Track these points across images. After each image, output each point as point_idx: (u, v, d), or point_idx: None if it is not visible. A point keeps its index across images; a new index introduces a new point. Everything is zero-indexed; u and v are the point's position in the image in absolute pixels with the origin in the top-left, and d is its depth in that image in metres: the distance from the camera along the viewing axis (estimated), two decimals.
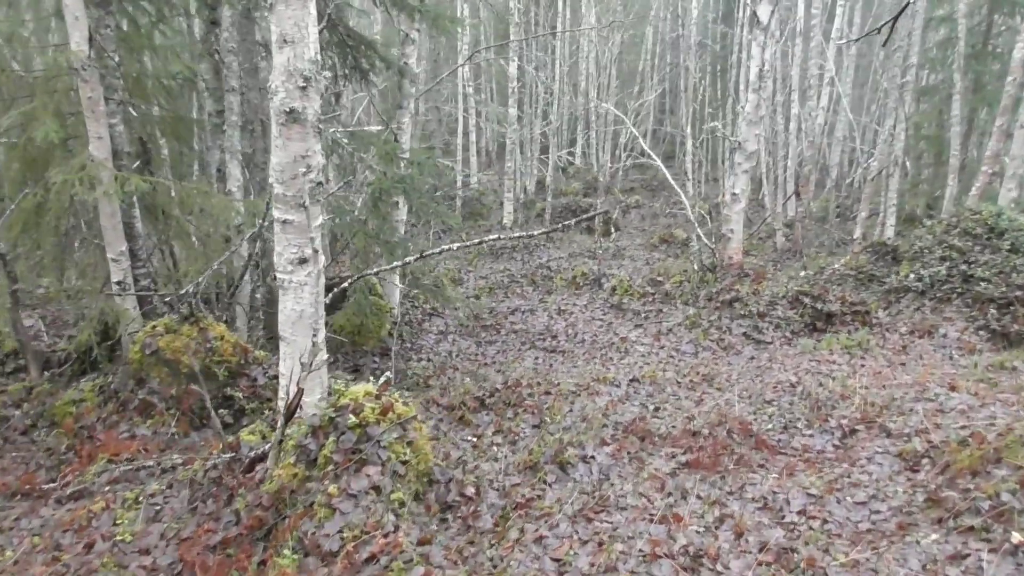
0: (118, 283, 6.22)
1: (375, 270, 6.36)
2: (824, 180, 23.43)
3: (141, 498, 3.92)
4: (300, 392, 3.88)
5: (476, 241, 6.26)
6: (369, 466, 3.52)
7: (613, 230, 19.80)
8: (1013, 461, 3.48)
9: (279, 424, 3.87)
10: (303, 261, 4.27)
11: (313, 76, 3.97)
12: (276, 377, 5.59)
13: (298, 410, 3.95)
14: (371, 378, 4.30)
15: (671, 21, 27.46)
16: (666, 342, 9.42)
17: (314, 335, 4.03)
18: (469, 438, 5.28)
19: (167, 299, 6.16)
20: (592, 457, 4.53)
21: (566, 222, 6.37)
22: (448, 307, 9.54)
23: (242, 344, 5.81)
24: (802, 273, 11.94)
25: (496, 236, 6.38)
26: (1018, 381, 6.99)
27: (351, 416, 3.65)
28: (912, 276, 10.27)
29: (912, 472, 4.31)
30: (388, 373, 4.49)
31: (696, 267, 11.87)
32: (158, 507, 3.88)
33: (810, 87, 16.83)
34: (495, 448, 5.12)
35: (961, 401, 6.16)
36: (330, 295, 6.33)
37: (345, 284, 6.08)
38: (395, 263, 6.43)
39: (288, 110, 3.95)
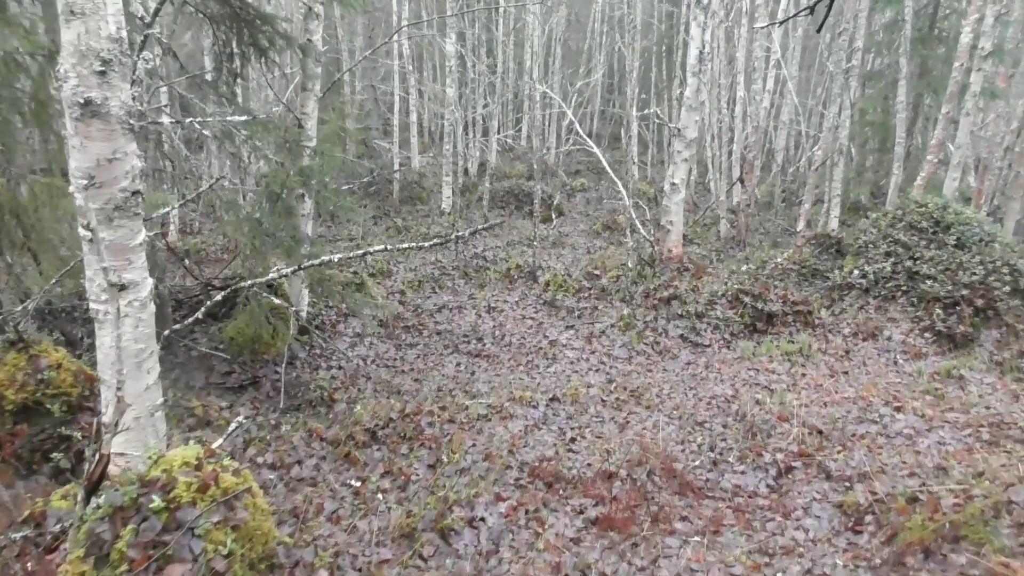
0: None
1: (249, 283, 5.52)
2: (770, 164, 23.07)
3: None
4: (104, 460, 3.07)
5: (360, 252, 5.47)
6: (175, 565, 2.73)
7: (554, 216, 19.08)
8: (974, 544, 2.86)
9: (79, 499, 3.06)
10: (121, 288, 3.44)
11: (115, 58, 3.12)
12: None
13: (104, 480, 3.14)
14: (191, 441, 3.48)
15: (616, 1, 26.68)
16: (598, 346, 8.75)
17: (119, 385, 3.21)
18: (352, 482, 4.51)
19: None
20: (482, 519, 3.81)
21: (458, 233, 5.60)
22: (357, 311, 8.72)
23: (87, 372, 4.92)
24: (744, 267, 11.38)
25: (383, 247, 5.58)
26: (966, 396, 6.49)
27: (155, 497, 2.86)
28: (856, 272, 9.78)
29: (854, 533, 3.68)
30: (240, 419, 3.68)
31: (631, 263, 11.22)
32: None
33: (755, 70, 16.26)
34: (380, 496, 4.37)
35: (907, 424, 5.62)
36: (203, 309, 5.47)
37: (218, 297, 5.23)
38: (270, 276, 5.59)
39: (83, 101, 3.09)
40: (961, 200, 12.76)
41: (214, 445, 3.48)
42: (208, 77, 8.15)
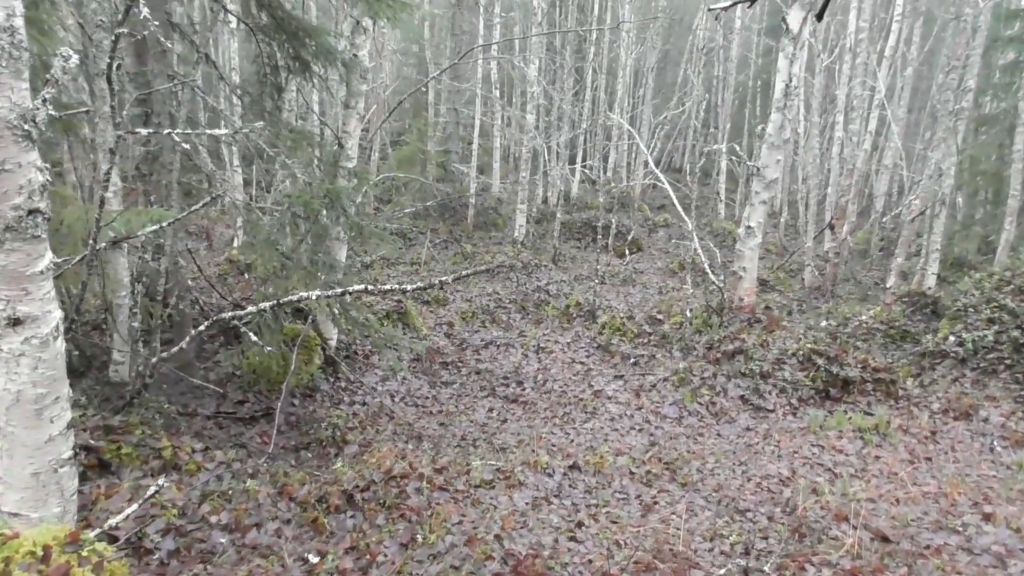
0: None
1: (229, 315, 5.03)
2: (869, 211, 21.55)
3: None
4: None
5: (340, 292, 4.92)
6: None
7: (629, 251, 18.26)
8: None
9: None
10: (16, 322, 2.94)
11: (2, 50, 2.63)
12: (85, 448, 4.30)
13: None
14: (161, 484, 2.91)
15: (712, 32, 25.74)
16: (646, 401, 7.92)
17: None
18: (310, 556, 3.90)
19: None
20: None
21: (443, 278, 4.97)
22: (381, 348, 8.19)
23: None
24: (823, 323, 10.31)
25: (363, 286, 5.00)
26: None
27: None
28: (952, 339, 8.62)
29: None
30: (161, 481, 3.13)
31: (689, 312, 10.29)
32: None
33: (853, 109, 15.10)
34: None
35: (997, 538, 4.62)
36: (187, 339, 5.01)
37: (202, 328, 4.77)
38: (249, 309, 5.08)
39: None
40: None
41: (112, 522, 2.92)
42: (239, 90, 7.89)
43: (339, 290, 4.93)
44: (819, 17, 2.35)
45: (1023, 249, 10.90)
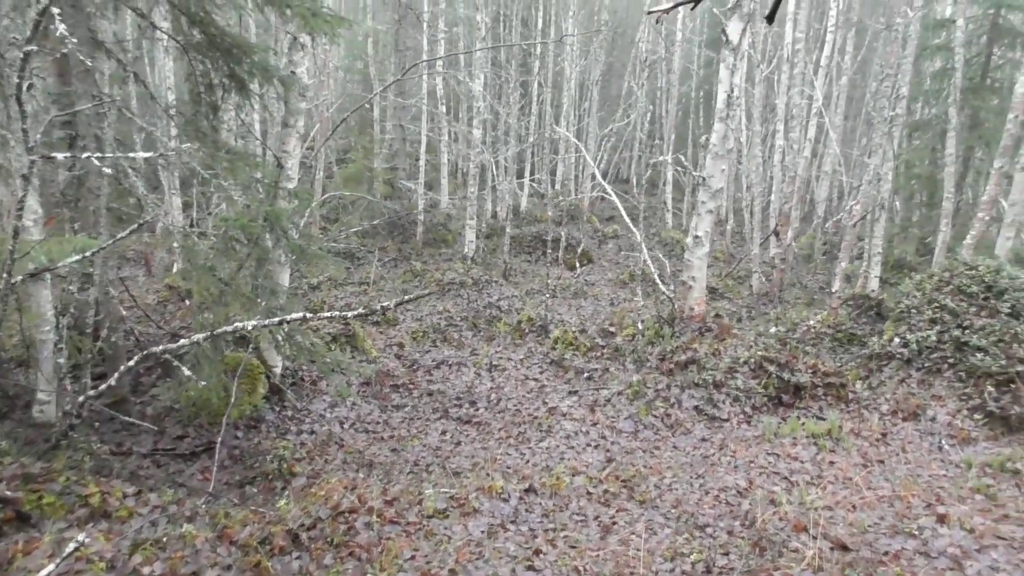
0: None
1: (160, 348, 4.78)
2: (811, 216, 22.02)
3: None
4: None
5: (277, 320, 4.73)
6: None
7: (579, 264, 18.28)
8: None
9: None
10: None
11: None
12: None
13: None
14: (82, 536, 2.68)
15: (655, 44, 26.08)
16: (601, 416, 7.85)
17: None
18: None
19: None
20: None
21: (384, 304, 4.82)
22: (326, 374, 7.97)
23: None
24: (772, 329, 10.40)
25: (302, 314, 4.81)
26: None
27: None
28: (897, 341, 8.76)
29: None
30: (82, 536, 2.91)
31: (640, 324, 10.27)
32: None
33: (793, 117, 15.41)
34: None
35: (952, 540, 4.64)
36: (115, 376, 4.74)
37: (131, 363, 4.52)
38: (181, 342, 4.84)
39: None
40: (1016, 262, 11.65)
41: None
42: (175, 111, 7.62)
43: (276, 319, 4.72)
44: (769, 20, 2.30)
45: (959, 249, 11.18)
